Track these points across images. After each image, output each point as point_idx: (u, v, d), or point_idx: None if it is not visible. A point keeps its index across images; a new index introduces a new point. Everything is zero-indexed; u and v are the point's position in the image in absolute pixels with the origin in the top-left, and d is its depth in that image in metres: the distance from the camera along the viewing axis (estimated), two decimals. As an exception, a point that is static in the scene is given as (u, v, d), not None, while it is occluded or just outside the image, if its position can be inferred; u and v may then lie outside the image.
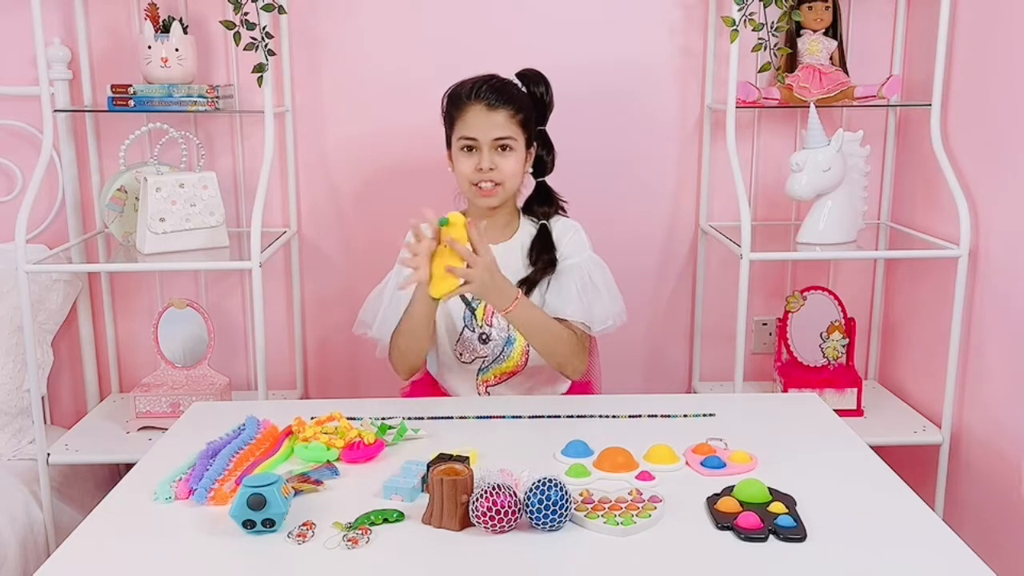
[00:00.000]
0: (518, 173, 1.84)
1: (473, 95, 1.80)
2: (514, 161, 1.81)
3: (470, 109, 1.80)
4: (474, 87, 1.80)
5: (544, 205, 1.91)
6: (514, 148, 1.81)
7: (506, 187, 1.82)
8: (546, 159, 1.92)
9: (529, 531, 1.22)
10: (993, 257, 2.05)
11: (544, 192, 1.93)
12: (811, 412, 1.69)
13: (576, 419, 1.64)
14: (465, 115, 1.80)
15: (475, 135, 1.79)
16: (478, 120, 1.79)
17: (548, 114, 1.92)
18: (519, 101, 1.82)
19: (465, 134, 1.80)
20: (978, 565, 1.15)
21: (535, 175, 1.93)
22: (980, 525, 2.09)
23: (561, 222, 1.91)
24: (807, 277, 2.50)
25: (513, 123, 1.80)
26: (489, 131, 1.79)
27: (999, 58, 2.01)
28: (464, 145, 1.81)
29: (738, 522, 1.22)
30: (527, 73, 1.89)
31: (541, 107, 1.89)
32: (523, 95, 1.85)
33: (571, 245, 1.87)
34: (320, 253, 2.48)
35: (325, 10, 2.35)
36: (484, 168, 1.79)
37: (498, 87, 1.81)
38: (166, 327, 2.31)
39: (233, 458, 1.43)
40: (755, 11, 2.11)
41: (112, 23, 2.32)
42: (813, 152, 2.13)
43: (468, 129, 1.80)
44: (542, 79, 1.89)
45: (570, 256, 1.85)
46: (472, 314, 1.87)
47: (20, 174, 2.36)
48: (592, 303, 1.82)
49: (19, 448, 2.24)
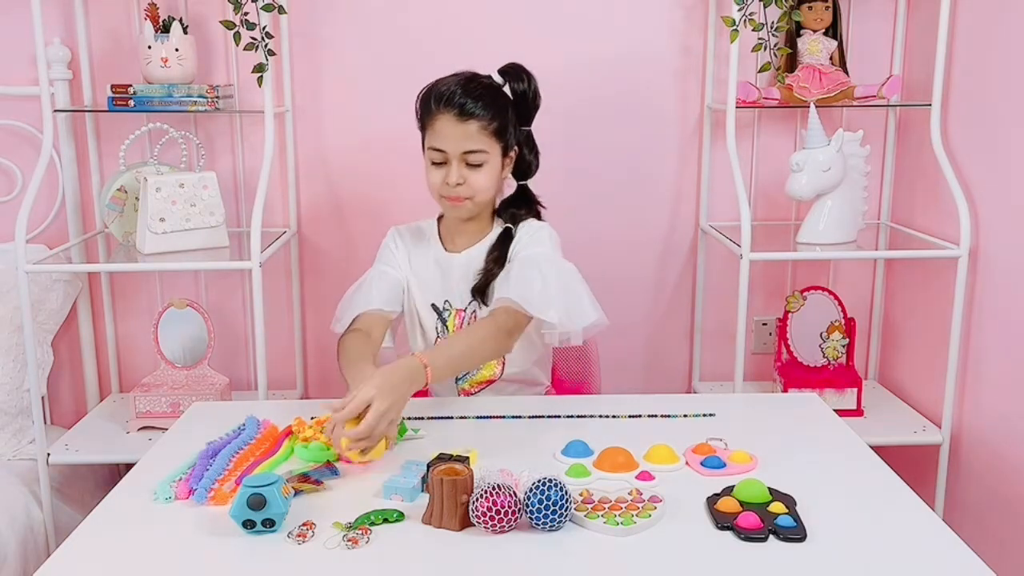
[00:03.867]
0: (490, 187, 1.73)
1: (443, 103, 1.67)
2: (485, 175, 1.70)
3: (439, 118, 1.68)
4: (445, 94, 1.67)
5: (518, 208, 1.80)
6: (487, 161, 1.69)
7: (476, 200, 1.72)
8: (529, 161, 1.80)
9: (529, 531, 1.22)
10: (993, 257, 2.05)
11: (523, 195, 1.82)
12: (811, 412, 1.69)
13: (576, 419, 1.63)
14: (435, 124, 1.69)
15: (444, 147, 1.68)
16: (447, 130, 1.67)
17: (533, 112, 1.79)
18: (494, 108, 1.69)
19: (434, 145, 1.70)
20: (978, 565, 1.15)
21: (517, 178, 1.82)
22: (980, 525, 2.09)
23: (528, 223, 1.79)
24: (807, 277, 2.50)
25: (485, 134, 1.68)
26: (459, 144, 1.67)
27: (999, 58, 2.01)
28: (433, 158, 1.71)
29: (738, 522, 1.22)
30: (507, 69, 1.75)
31: (524, 106, 1.76)
32: (500, 98, 1.72)
33: (528, 240, 1.74)
34: (320, 253, 2.49)
35: (325, 10, 2.35)
36: (451, 183, 1.68)
37: (472, 93, 1.67)
38: (166, 327, 2.31)
39: (233, 458, 1.43)
40: (755, 11, 2.11)
41: (112, 23, 2.32)
42: (813, 152, 2.13)
43: (437, 140, 1.69)
44: (524, 75, 1.75)
45: (523, 249, 1.73)
46: (444, 325, 1.81)
47: (20, 174, 2.36)
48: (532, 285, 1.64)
49: (19, 448, 2.24)
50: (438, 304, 1.81)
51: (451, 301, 1.80)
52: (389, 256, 1.85)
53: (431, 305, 1.81)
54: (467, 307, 1.79)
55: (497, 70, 1.76)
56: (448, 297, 1.80)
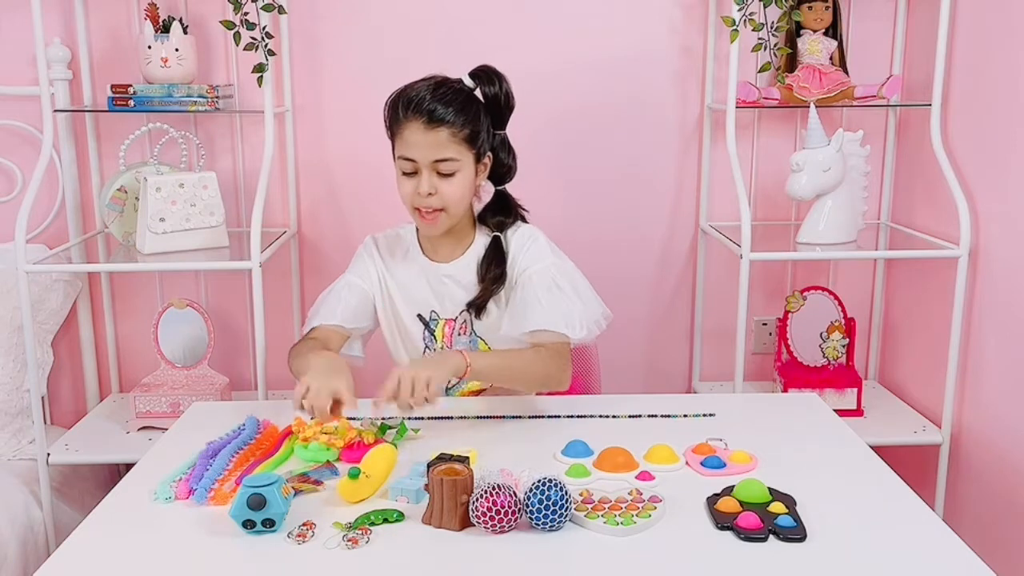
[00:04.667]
0: (464, 196, 1.67)
1: (411, 110, 1.61)
2: (458, 184, 1.64)
3: (407, 127, 1.62)
4: (413, 100, 1.62)
5: (499, 215, 1.75)
6: (458, 170, 1.64)
7: (450, 212, 1.66)
8: (506, 165, 1.74)
9: (529, 531, 1.22)
10: (993, 257, 2.05)
11: (502, 201, 1.76)
12: (811, 412, 1.69)
13: (576, 419, 1.63)
14: (403, 132, 1.63)
15: (413, 156, 1.62)
16: (416, 139, 1.61)
17: (507, 115, 1.72)
18: (464, 114, 1.63)
19: (403, 154, 1.64)
20: (978, 565, 1.15)
21: (494, 183, 1.76)
22: (980, 525, 2.09)
23: (519, 231, 1.74)
24: (807, 277, 2.50)
25: (455, 141, 1.62)
26: (428, 152, 1.61)
27: (999, 58, 2.01)
28: (402, 169, 1.65)
29: (738, 522, 1.22)
30: (478, 72, 1.69)
31: (496, 109, 1.69)
32: (471, 103, 1.65)
33: (528, 255, 1.70)
34: (320, 253, 2.48)
35: (325, 10, 2.35)
36: (423, 193, 1.63)
37: (441, 98, 1.61)
38: (166, 327, 2.31)
39: (233, 458, 1.43)
40: (755, 11, 2.11)
41: (112, 23, 2.32)
42: (813, 152, 2.13)
43: (406, 149, 1.63)
44: (496, 77, 1.69)
45: (529, 266, 1.69)
46: (432, 335, 1.78)
47: (20, 174, 2.36)
48: (564, 308, 1.65)
49: (19, 448, 2.24)
50: (424, 315, 1.77)
51: (438, 311, 1.77)
52: (362, 268, 1.80)
53: (417, 316, 1.78)
54: (457, 317, 1.76)
55: (467, 73, 1.70)
56: (435, 307, 1.77)
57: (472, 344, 1.76)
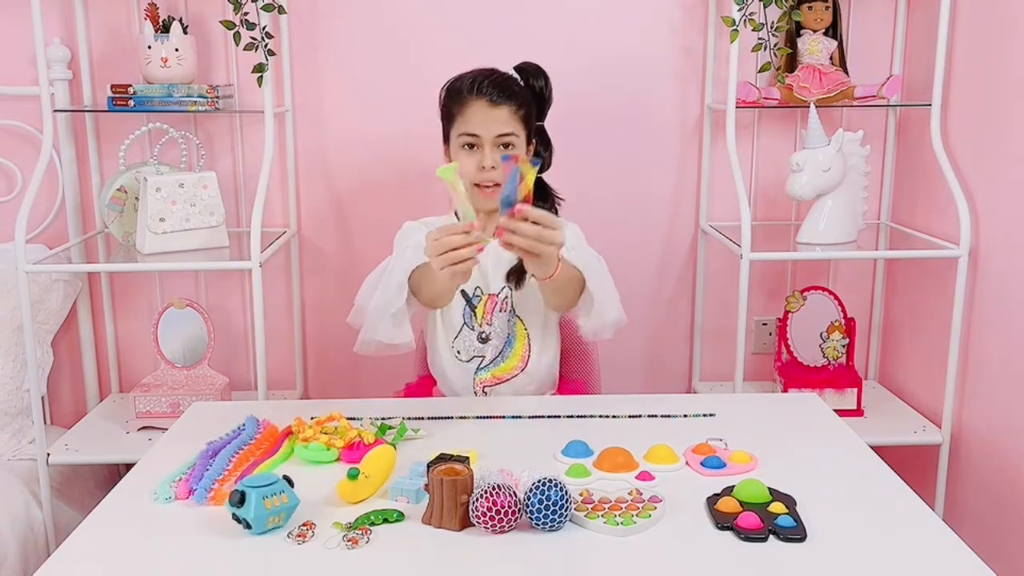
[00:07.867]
0: None
1: (475, 90, 1.74)
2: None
3: (471, 105, 1.74)
4: (475, 82, 1.75)
5: (540, 201, 1.82)
6: (516, 145, 1.76)
7: None
8: (544, 155, 1.87)
9: (529, 531, 1.22)
10: (993, 257, 2.05)
11: (540, 188, 1.85)
12: (811, 412, 1.69)
13: (576, 419, 1.63)
14: (466, 111, 1.75)
15: (477, 132, 1.74)
16: (480, 116, 1.74)
17: (547, 109, 1.86)
18: (521, 96, 1.77)
19: (466, 131, 1.75)
20: (978, 565, 1.15)
21: None
22: (980, 525, 2.09)
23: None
24: (807, 277, 2.50)
25: (515, 119, 1.75)
26: (492, 128, 1.73)
27: (999, 58, 2.01)
28: (465, 143, 1.76)
29: (738, 522, 1.22)
30: (526, 67, 1.83)
31: (540, 102, 1.84)
32: (523, 90, 1.80)
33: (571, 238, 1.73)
34: (320, 253, 2.49)
35: (325, 10, 2.36)
36: (487, 167, 1.73)
37: (500, 82, 1.76)
38: (166, 327, 2.31)
39: (233, 458, 1.43)
40: (755, 11, 2.11)
41: (112, 23, 2.32)
42: (813, 152, 2.13)
43: (469, 126, 1.74)
44: (541, 73, 1.84)
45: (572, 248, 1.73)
46: (472, 312, 1.83)
47: (20, 174, 2.36)
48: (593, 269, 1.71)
49: (19, 448, 2.24)
50: (468, 291, 1.82)
51: (482, 288, 1.82)
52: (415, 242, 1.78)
53: (461, 291, 1.82)
54: (500, 292, 1.82)
55: (514, 67, 1.82)
56: (480, 283, 1.82)
57: (510, 323, 1.81)
